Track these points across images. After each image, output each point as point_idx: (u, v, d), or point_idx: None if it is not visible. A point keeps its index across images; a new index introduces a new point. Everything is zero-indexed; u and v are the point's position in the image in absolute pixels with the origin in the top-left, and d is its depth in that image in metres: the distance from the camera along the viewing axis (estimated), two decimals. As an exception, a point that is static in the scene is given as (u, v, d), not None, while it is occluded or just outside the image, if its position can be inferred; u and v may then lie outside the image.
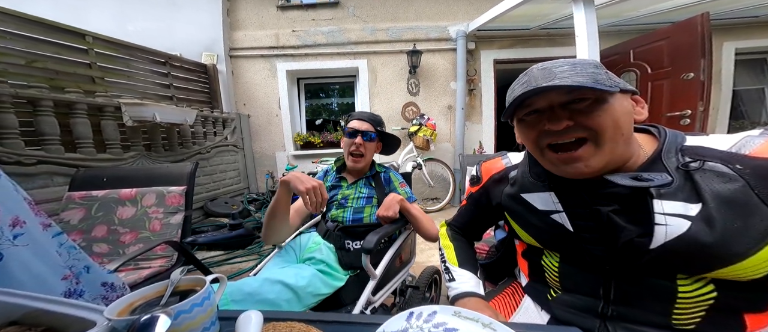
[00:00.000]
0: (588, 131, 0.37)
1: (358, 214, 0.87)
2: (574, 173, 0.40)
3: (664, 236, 0.36)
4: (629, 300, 0.42)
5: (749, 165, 0.34)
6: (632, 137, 0.40)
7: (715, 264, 0.34)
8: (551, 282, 0.52)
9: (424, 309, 0.38)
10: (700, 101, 1.73)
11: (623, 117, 0.37)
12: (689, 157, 0.37)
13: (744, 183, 0.33)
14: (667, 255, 0.36)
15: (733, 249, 0.33)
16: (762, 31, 2.84)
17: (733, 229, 0.33)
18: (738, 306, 0.36)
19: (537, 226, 0.50)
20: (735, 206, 0.33)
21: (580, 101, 0.37)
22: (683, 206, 0.35)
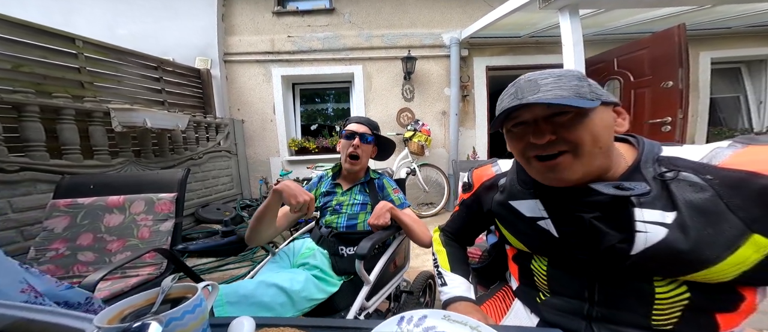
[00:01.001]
0: (569, 144, 0.39)
1: (352, 220, 0.87)
2: (555, 181, 0.42)
3: (644, 243, 0.37)
4: (612, 302, 0.43)
5: (718, 176, 0.36)
6: (613, 147, 0.42)
7: (689, 269, 0.36)
8: (540, 286, 0.53)
9: (415, 313, 0.39)
10: (679, 108, 1.81)
11: (603, 130, 0.39)
12: (665, 167, 0.39)
13: (714, 193, 0.35)
14: (646, 260, 0.38)
15: (705, 255, 0.35)
16: (735, 42, 3.00)
17: (704, 236, 0.35)
18: (710, 306, 0.38)
19: (525, 232, 0.52)
20: (706, 214, 0.35)
21: (562, 114, 0.39)
22: (660, 215, 0.37)
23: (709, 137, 3.07)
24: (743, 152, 0.36)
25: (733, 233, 0.34)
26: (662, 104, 1.93)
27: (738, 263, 0.34)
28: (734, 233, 0.34)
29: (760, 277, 0.35)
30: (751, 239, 0.33)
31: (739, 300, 0.38)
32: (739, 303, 0.38)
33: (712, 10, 2.27)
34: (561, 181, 0.41)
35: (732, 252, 0.34)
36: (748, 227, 0.33)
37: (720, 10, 2.26)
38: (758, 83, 3.18)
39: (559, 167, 0.40)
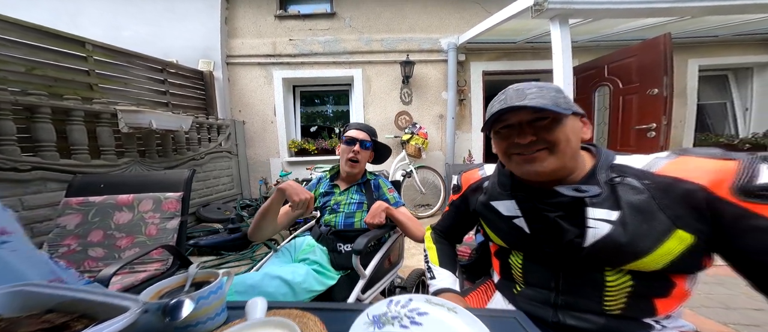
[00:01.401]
0: (547, 143, 0.46)
1: (349, 219, 0.94)
2: (532, 172, 0.48)
3: (593, 237, 0.44)
4: (573, 291, 0.50)
5: (654, 181, 0.43)
6: (578, 152, 0.50)
7: (628, 259, 0.43)
8: (517, 278, 0.60)
9: (402, 297, 0.46)
10: (663, 115, 1.89)
11: (572, 134, 0.47)
12: (615, 173, 0.47)
13: (649, 195, 0.42)
14: (596, 252, 0.45)
15: (640, 248, 0.42)
16: (723, 50, 3.09)
17: (640, 231, 0.42)
18: (649, 293, 0.45)
19: (503, 229, 0.58)
20: (642, 213, 0.42)
21: (542, 119, 0.46)
22: (607, 213, 0.44)
23: (696, 142, 3.15)
24: (675, 161, 0.43)
25: (662, 229, 0.41)
26: (648, 111, 2.01)
27: (666, 253, 0.41)
28: (663, 229, 0.41)
29: (684, 266, 0.42)
30: (676, 234, 0.40)
31: (672, 287, 0.45)
32: (671, 290, 0.45)
33: (699, 19, 2.35)
34: (537, 174, 0.48)
35: (661, 244, 0.41)
36: (673, 223, 0.40)
37: (703, 19, 2.34)
38: (744, 90, 3.27)
39: (537, 160, 0.47)
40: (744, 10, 1.97)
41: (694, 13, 2.00)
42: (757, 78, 3.16)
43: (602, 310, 0.48)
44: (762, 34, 2.95)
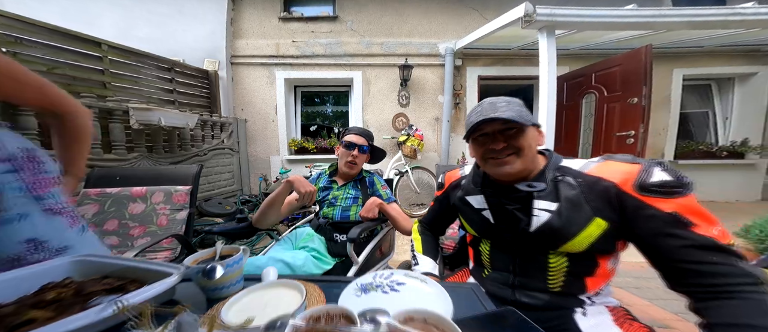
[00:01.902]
0: (514, 149, 0.58)
1: (345, 212, 1.05)
2: (504, 173, 0.59)
3: (536, 223, 0.56)
4: (525, 272, 0.62)
5: (584, 179, 0.55)
6: (536, 156, 0.61)
7: (562, 241, 0.55)
8: (485, 264, 0.71)
9: (386, 271, 0.57)
10: (641, 123, 2.01)
11: (533, 141, 0.58)
12: (559, 173, 0.58)
13: (579, 190, 0.54)
14: (539, 236, 0.57)
15: (570, 232, 0.53)
16: (706, 60, 3.22)
17: (570, 219, 0.53)
18: (580, 272, 0.57)
19: (475, 220, 0.70)
20: (573, 204, 0.54)
21: (511, 128, 0.57)
22: (548, 204, 0.56)
23: (678, 149, 3.29)
24: (601, 164, 0.55)
25: (585, 217, 0.52)
26: (628, 119, 2.14)
27: (587, 236, 0.53)
28: (586, 217, 0.52)
29: (603, 247, 0.54)
30: (595, 221, 0.52)
31: (597, 267, 0.56)
32: (596, 269, 0.56)
33: (681, 31, 2.48)
34: (507, 174, 0.59)
35: (584, 229, 0.52)
36: (593, 213, 0.52)
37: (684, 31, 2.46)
38: (726, 99, 3.41)
39: (508, 163, 0.58)
40: (713, 26, 2.10)
41: (669, 28, 2.12)
42: (738, 88, 3.30)
43: (547, 288, 0.59)
44: (744, 46, 3.08)
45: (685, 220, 0.46)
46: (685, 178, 0.48)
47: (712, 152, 3.20)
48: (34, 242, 0.56)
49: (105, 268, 0.52)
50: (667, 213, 0.47)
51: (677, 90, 3.24)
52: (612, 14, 1.98)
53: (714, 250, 0.44)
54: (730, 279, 0.42)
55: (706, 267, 0.43)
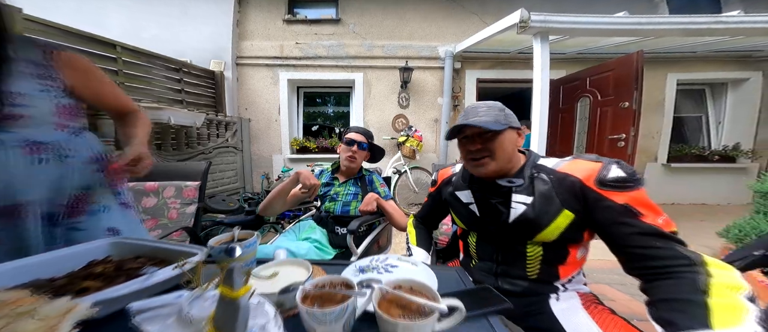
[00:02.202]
0: (489, 151, 0.65)
1: (346, 207, 1.13)
2: (479, 172, 0.68)
3: (514, 215, 0.64)
4: (506, 261, 0.69)
5: (555, 176, 0.62)
6: (515, 155, 0.68)
7: (536, 231, 0.62)
8: (473, 255, 0.78)
9: (381, 255, 0.65)
10: (632, 126, 2.09)
11: (508, 144, 0.65)
12: (535, 170, 0.66)
13: (551, 185, 0.62)
14: (516, 227, 0.64)
15: (542, 222, 0.61)
16: (700, 65, 3.29)
17: (543, 211, 0.61)
18: (553, 260, 0.64)
19: (464, 214, 0.77)
20: (546, 198, 0.61)
21: (487, 132, 0.65)
22: (524, 198, 0.63)
23: (671, 152, 3.35)
24: (570, 162, 0.63)
25: (556, 209, 0.60)
26: (620, 122, 2.21)
27: (557, 227, 0.60)
28: (556, 209, 0.60)
29: (571, 237, 0.61)
30: (563, 213, 0.60)
31: (567, 255, 0.64)
32: (567, 257, 0.64)
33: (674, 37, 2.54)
34: (483, 173, 0.67)
35: (554, 220, 0.60)
36: (562, 205, 0.60)
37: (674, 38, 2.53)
38: (719, 104, 3.48)
39: (483, 165, 0.66)
40: (699, 33, 2.16)
41: (658, 35, 2.20)
42: (731, 93, 3.36)
43: (525, 275, 0.67)
44: (736, 52, 3.15)
45: (635, 211, 0.53)
46: (637, 175, 0.56)
47: (705, 155, 3.27)
48: (112, 231, 0.65)
49: (138, 249, 0.60)
50: (620, 204, 0.54)
51: (671, 94, 3.31)
52: (603, 21, 2.05)
53: (658, 236, 0.51)
54: (670, 261, 0.49)
55: (651, 251, 0.51)
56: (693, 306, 0.43)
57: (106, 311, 0.37)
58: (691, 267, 0.48)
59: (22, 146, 0.57)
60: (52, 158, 0.60)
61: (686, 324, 0.42)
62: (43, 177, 0.60)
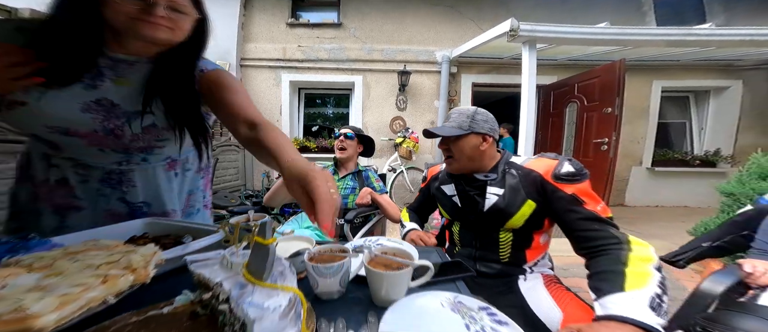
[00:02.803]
0: (451, 152, 0.78)
1: (344, 199, 1.25)
2: (449, 169, 0.81)
3: (488, 204, 0.75)
4: (483, 246, 0.80)
5: (522, 171, 0.74)
6: (480, 157, 0.79)
7: (506, 219, 0.74)
8: (456, 242, 0.90)
9: (373, 237, 0.77)
10: (613, 131, 2.22)
11: (468, 148, 0.77)
12: (507, 166, 0.78)
13: (518, 179, 0.73)
14: (490, 215, 0.76)
15: (511, 210, 0.72)
16: (683, 73, 3.44)
17: (511, 201, 0.72)
18: (521, 244, 0.76)
19: (448, 205, 0.89)
20: (514, 190, 0.73)
21: (451, 136, 0.77)
22: (497, 190, 0.75)
23: (655, 157, 3.50)
24: (534, 160, 0.75)
25: (521, 199, 0.72)
26: (603, 127, 2.34)
27: (522, 215, 0.72)
28: (522, 199, 0.72)
29: (534, 224, 0.73)
30: (527, 202, 0.71)
31: (532, 240, 0.75)
32: (532, 242, 0.75)
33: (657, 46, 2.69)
34: (451, 170, 0.80)
35: (520, 208, 0.72)
36: (526, 196, 0.71)
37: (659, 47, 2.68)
38: (702, 111, 3.63)
39: (450, 164, 0.79)
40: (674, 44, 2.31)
41: (636, 44, 2.34)
42: (713, 101, 3.52)
43: (499, 259, 0.78)
44: (717, 61, 3.31)
45: (580, 200, 0.65)
46: (584, 170, 0.68)
47: (687, 160, 3.41)
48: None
49: (169, 228, 0.71)
50: (570, 194, 0.66)
51: (656, 101, 3.45)
52: (585, 31, 2.19)
53: (596, 221, 0.63)
54: (603, 241, 0.61)
55: (591, 233, 0.63)
56: (615, 274, 0.54)
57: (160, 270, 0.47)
58: (619, 244, 0.59)
59: (164, 164, 0.67)
60: (180, 172, 0.70)
61: (608, 289, 0.53)
62: (176, 187, 0.70)
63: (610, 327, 0.47)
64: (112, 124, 0.55)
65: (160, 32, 0.49)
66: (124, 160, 0.60)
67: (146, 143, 0.59)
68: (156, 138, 0.60)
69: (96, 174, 0.60)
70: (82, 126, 0.53)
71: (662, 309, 0.49)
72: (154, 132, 0.58)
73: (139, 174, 0.63)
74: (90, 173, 0.59)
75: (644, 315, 0.46)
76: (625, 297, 0.50)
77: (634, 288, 0.51)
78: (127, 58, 0.54)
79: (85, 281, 0.28)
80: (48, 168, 0.58)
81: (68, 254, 0.34)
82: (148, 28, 0.47)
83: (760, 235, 0.86)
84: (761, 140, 3.08)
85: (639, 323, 0.46)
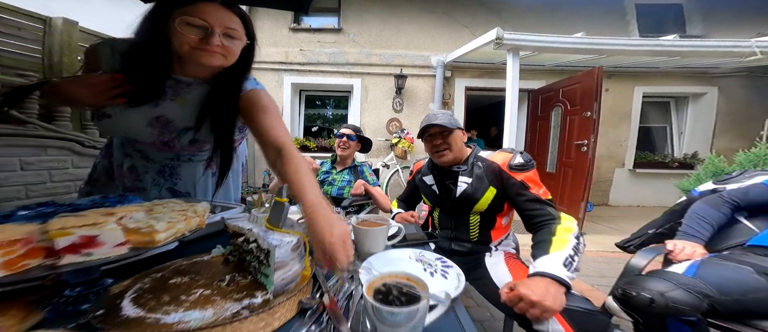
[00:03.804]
0: (447, 144, 0.93)
1: (340, 190, 1.42)
2: (442, 161, 0.95)
3: (459, 191, 0.92)
4: (457, 228, 0.97)
5: (486, 163, 0.91)
6: (463, 148, 0.97)
7: (473, 203, 0.90)
8: (437, 226, 1.06)
9: (361, 215, 0.94)
10: (592, 133, 2.40)
11: (458, 140, 0.94)
12: (476, 159, 0.95)
13: (483, 170, 0.90)
14: (461, 201, 0.92)
15: (476, 196, 0.89)
16: (663, 80, 3.62)
17: (477, 188, 0.89)
18: (487, 225, 0.92)
19: (429, 193, 1.06)
20: (479, 179, 0.90)
21: (445, 131, 0.93)
22: (467, 179, 0.92)
23: (636, 159, 3.68)
24: (496, 153, 0.92)
25: (485, 187, 0.89)
26: (583, 129, 2.52)
27: (486, 199, 0.89)
28: (485, 187, 0.89)
29: (495, 207, 0.89)
30: (490, 189, 0.88)
31: (495, 222, 0.92)
32: (495, 223, 0.92)
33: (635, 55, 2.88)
34: (443, 162, 0.94)
35: (484, 194, 0.89)
36: (489, 183, 0.88)
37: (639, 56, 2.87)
38: (682, 116, 3.83)
39: (444, 154, 0.93)
40: (643, 54, 2.51)
41: (609, 54, 2.53)
42: (692, 106, 3.71)
43: (469, 239, 0.95)
44: (694, 68, 3.50)
45: (527, 185, 0.83)
46: (531, 161, 0.86)
47: (666, 162, 3.60)
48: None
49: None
50: (519, 181, 0.84)
51: (637, 106, 3.64)
52: (563, 40, 2.38)
53: (538, 202, 0.81)
54: (542, 218, 0.78)
55: (534, 211, 0.80)
56: (545, 243, 0.71)
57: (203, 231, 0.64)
58: (552, 220, 0.77)
59: (204, 163, 0.80)
60: (215, 171, 0.82)
61: (538, 254, 0.70)
62: (211, 185, 0.85)
63: (535, 280, 0.63)
64: (166, 137, 0.68)
65: (214, 59, 0.57)
66: (175, 157, 0.77)
67: (191, 151, 0.76)
68: (198, 149, 0.76)
69: (155, 166, 0.77)
70: (146, 137, 0.68)
71: (573, 265, 0.66)
72: (197, 145, 0.73)
73: (185, 169, 0.80)
74: (151, 165, 0.77)
75: (558, 270, 0.63)
76: (548, 258, 0.67)
77: (555, 251, 0.68)
78: (185, 80, 0.64)
79: (176, 217, 0.46)
80: (124, 156, 0.75)
81: (157, 204, 0.51)
82: (205, 57, 0.56)
83: (686, 220, 1.03)
84: (735, 144, 3.26)
85: (551, 275, 0.63)
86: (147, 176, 0.77)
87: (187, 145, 0.71)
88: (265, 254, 0.46)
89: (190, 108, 0.67)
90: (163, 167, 0.78)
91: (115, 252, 0.37)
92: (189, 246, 0.69)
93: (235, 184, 0.93)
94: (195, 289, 0.45)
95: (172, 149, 0.72)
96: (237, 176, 0.93)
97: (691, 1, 3.71)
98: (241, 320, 0.38)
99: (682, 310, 0.70)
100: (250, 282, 0.48)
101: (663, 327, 0.73)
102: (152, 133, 0.67)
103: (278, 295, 0.44)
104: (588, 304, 0.65)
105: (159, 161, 0.77)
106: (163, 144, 0.70)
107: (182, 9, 0.54)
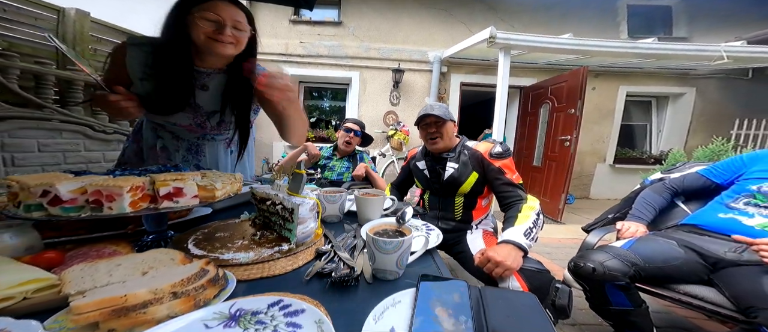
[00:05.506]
0: (440, 133, 1.08)
1: (339, 175, 1.58)
2: (435, 148, 1.10)
3: (447, 175, 1.08)
4: (443, 208, 1.13)
5: (471, 151, 1.06)
6: (454, 138, 1.12)
7: (458, 186, 1.06)
8: (427, 207, 1.22)
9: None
10: (574, 130, 2.58)
11: (450, 130, 1.09)
12: (462, 148, 1.10)
13: (468, 157, 1.06)
14: (448, 184, 1.08)
15: (461, 180, 1.05)
16: (646, 80, 3.81)
17: (462, 172, 1.05)
18: (469, 206, 1.09)
19: (421, 177, 1.22)
20: (464, 165, 1.05)
21: (439, 121, 1.07)
22: (454, 165, 1.07)
23: (617, 155, 3.91)
24: (479, 143, 1.08)
25: (469, 172, 1.05)
26: (567, 126, 2.70)
27: (469, 183, 1.05)
28: (469, 172, 1.05)
29: (476, 190, 1.06)
30: (473, 174, 1.04)
31: (476, 203, 1.09)
32: (476, 204, 1.09)
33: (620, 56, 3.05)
34: (436, 148, 1.09)
35: (467, 178, 1.05)
36: (472, 169, 1.04)
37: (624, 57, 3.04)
38: (662, 114, 4.05)
39: (436, 142, 1.08)
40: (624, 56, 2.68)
41: (593, 55, 2.70)
42: (671, 106, 3.93)
43: (454, 218, 1.11)
44: (674, 70, 3.70)
45: (503, 171, 0.99)
46: (508, 150, 1.02)
47: (643, 158, 3.84)
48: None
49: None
50: (497, 167, 1.00)
51: (620, 104, 3.85)
52: (551, 41, 2.53)
53: (511, 185, 0.97)
54: (513, 199, 0.95)
55: (507, 194, 0.97)
56: (513, 218, 0.88)
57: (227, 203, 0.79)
58: (520, 200, 0.94)
59: (224, 142, 0.92)
60: (235, 149, 0.96)
61: (507, 227, 0.86)
62: (230, 162, 0.97)
63: (501, 246, 0.80)
64: (198, 120, 0.82)
65: (227, 49, 0.68)
66: (201, 137, 0.90)
67: (217, 131, 0.88)
68: (224, 129, 0.88)
69: (184, 145, 0.90)
70: (184, 121, 0.81)
71: (532, 235, 0.83)
72: (223, 125, 0.86)
73: (209, 147, 0.93)
74: (180, 144, 0.90)
75: (519, 238, 0.80)
76: (512, 229, 0.84)
77: (519, 224, 0.85)
78: (205, 70, 0.76)
79: (226, 180, 0.61)
80: (156, 137, 0.88)
81: (207, 173, 0.66)
82: (219, 46, 0.67)
83: (634, 204, 1.22)
84: (707, 141, 3.49)
85: (513, 242, 0.79)
86: (177, 154, 0.90)
87: (215, 125, 0.84)
88: (290, 212, 0.62)
89: (213, 94, 0.79)
90: (191, 145, 0.91)
91: (191, 202, 0.52)
92: (219, 214, 0.84)
93: (250, 161, 1.08)
94: (235, 240, 0.60)
95: (204, 130, 0.86)
96: (250, 155, 1.07)
97: (680, 3, 3.87)
98: (275, 260, 0.53)
99: (615, 276, 0.86)
100: (276, 237, 0.64)
101: (603, 293, 0.89)
102: (187, 116, 0.81)
103: (300, 245, 0.59)
104: (538, 265, 0.82)
105: (188, 139, 0.90)
106: (197, 125, 0.83)
107: (199, 6, 0.66)
